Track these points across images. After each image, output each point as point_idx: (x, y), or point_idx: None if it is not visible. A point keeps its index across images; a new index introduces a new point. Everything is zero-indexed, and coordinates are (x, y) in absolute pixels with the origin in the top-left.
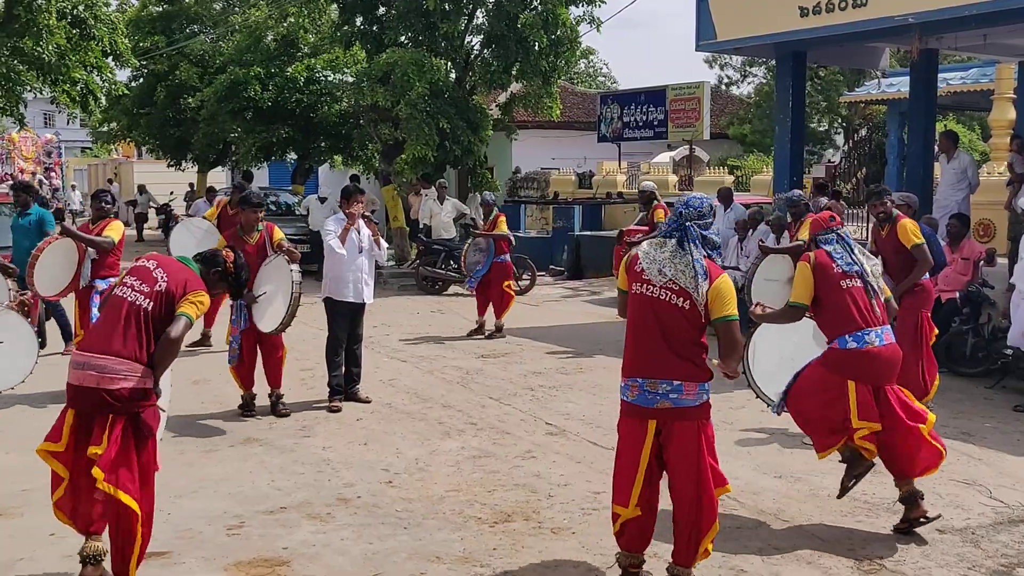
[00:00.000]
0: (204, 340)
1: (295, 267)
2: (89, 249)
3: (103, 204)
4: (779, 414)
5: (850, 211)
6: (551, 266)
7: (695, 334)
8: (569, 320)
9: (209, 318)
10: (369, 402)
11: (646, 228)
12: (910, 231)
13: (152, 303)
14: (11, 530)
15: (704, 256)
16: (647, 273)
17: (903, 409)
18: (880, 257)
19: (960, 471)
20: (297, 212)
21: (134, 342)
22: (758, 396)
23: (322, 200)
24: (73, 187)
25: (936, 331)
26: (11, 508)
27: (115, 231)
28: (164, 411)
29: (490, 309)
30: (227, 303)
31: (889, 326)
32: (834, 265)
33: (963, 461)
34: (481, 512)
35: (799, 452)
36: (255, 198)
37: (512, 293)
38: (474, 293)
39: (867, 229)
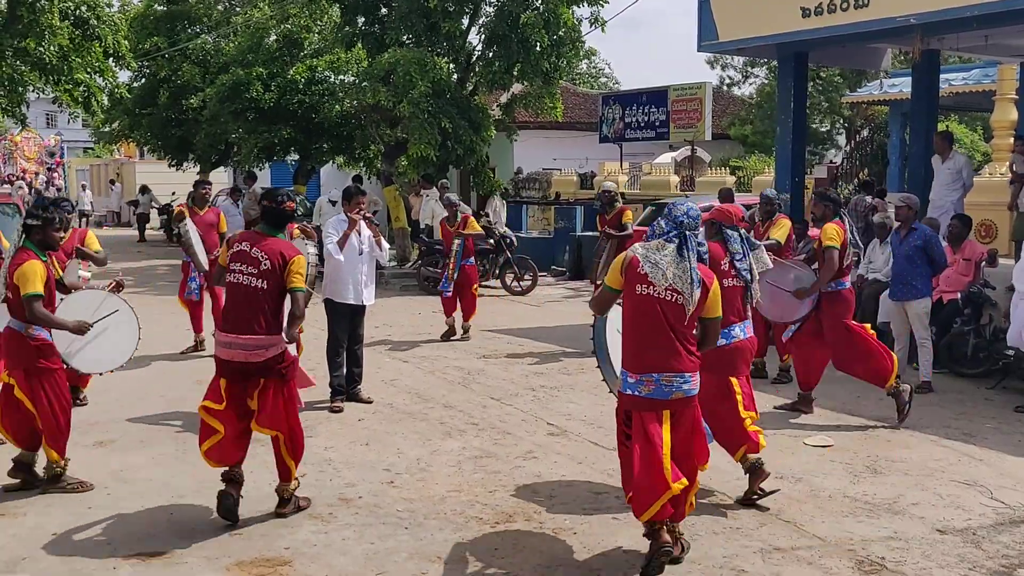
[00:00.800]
0: (198, 347)
1: (311, 245)
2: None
3: (66, 214)
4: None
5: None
6: (553, 266)
7: (692, 330)
8: (571, 320)
9: (198, 324)
10: (371, 402)
11: (645, 229)
12: (827, 234)
13: (264, 281)
14: (13, 529)
15: (698, 263)
16: (652, 276)
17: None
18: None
19: (961, 472)
20: (298, 213)
21: (262, 319)
22: (605, 379)
23: (332, 203)
24: (84, 187)
25: (868, 325)
26: (14, 508)
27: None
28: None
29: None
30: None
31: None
32: (723, 261)
33: (964, 462)
34: (482, 512)
35: (800, 452)
36: (279, 194)
37: (477, 295)
38: (446, 296)
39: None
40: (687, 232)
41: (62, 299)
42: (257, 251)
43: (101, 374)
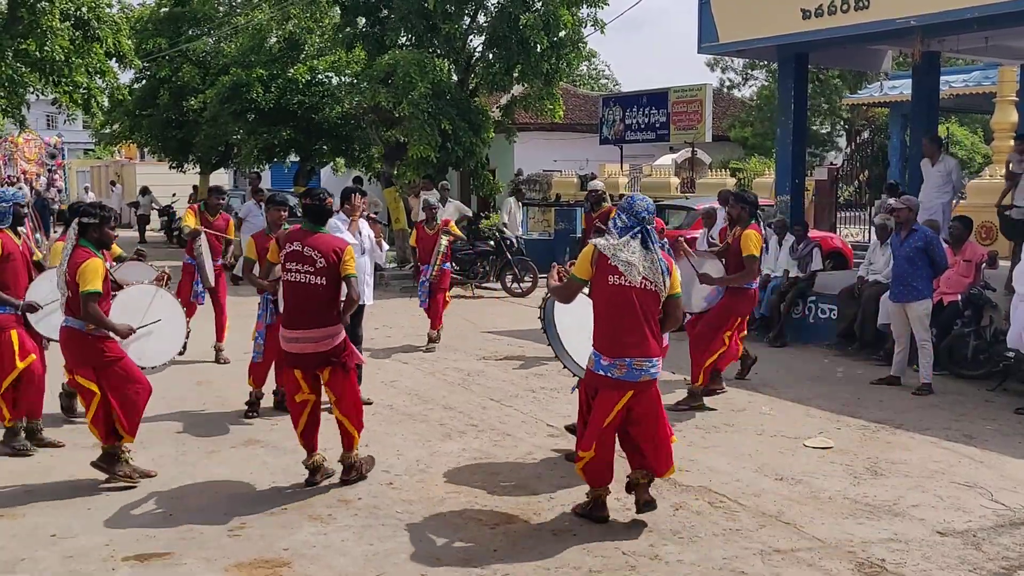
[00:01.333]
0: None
1: None
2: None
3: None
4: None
5: (853, 214)
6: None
7: (659, 315)
8: None
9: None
10: (370, 403)
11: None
12: (751, 241)
13: (323, 278)
14: (13, 530)
15: (661, 251)
16: (626, 271)
17: None
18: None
19: (961, 474)
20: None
21: (322, 313)
22: (566, 367)
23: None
24: (86, 189)
25: (744, 333)
26: (13, 508)
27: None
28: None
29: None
30: (256, 300)
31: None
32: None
33: (964, 464)
34: (482, 513)
35: (800, 454)
36: (279, 198)
37: (448, 301)
38: (424, 307)
39: (869, 232)
40: (648, 226)
41: (114, 295)
42: (311, 250)
43: (142, 369)
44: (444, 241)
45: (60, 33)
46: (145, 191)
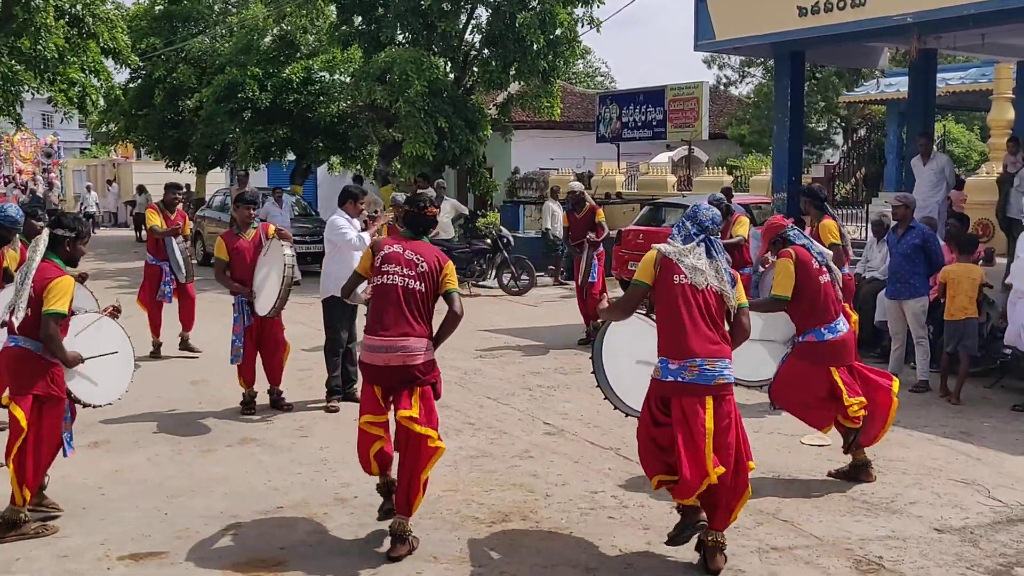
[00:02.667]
0: (157, 351)
1: (287, 247)
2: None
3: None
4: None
5: (850, 211)
6: (549, 266)
7: (726, 324)
8: (567, 320)
9: (156, 326)
10: None
11: (639, 229)
12: (830, 230)
13: (422, 283)
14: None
15: (727, 261)
16: (691, 276)
17: (874, 374)
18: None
19: (959, 470)
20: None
21: (418, 320)
22: (607, 398)
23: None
24: (89, 188)
25: (855, 316)
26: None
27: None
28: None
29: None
30: (230, 302)
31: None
32: (813, 260)
33: (962, 460)
34: (478, 512)
35: (797, 452)
36: (249, 195)
37: None
38: None
39: (866, 229)
40: (712, 236)
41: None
42: (411, 253)
43: (87, 406)
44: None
45: (55, 31)
46: (141, 190)
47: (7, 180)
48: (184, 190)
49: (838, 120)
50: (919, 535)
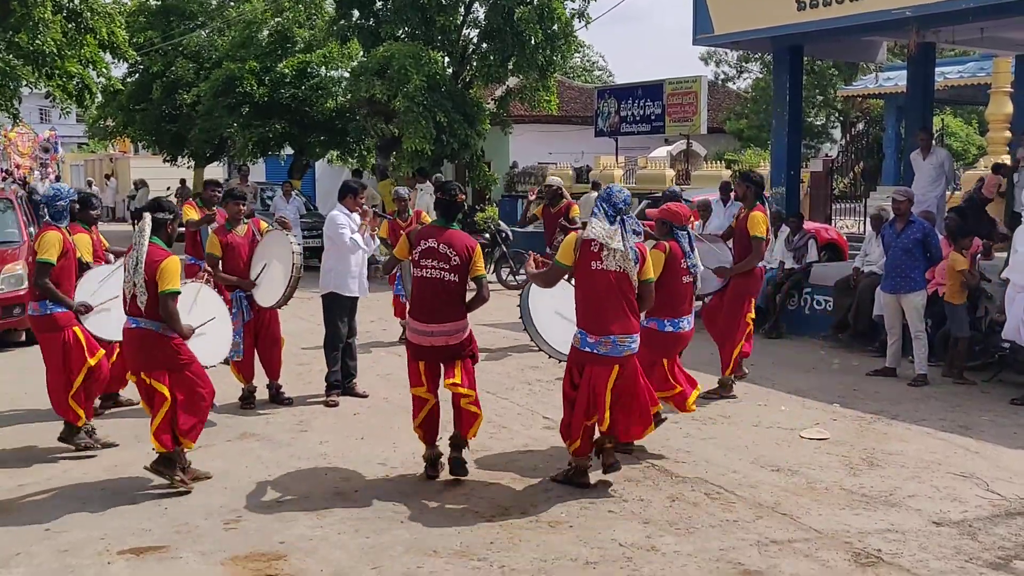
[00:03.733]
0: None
1: (293, 238)
2: None
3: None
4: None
5: (847, 205)
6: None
7: (634, 296)
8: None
9: None
10: (366, 396)
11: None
12: (759, 222)
13: (456, 275)
14: (8, 525)
15: (634, 241)
16: (605, 255)
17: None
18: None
19: (957, 464)
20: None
21: (455, 307)
22: (540, 349)
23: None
24: (90, 183)
25: (753, 314)
26: (8, 503)
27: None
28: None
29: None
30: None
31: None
32: (683, 261)
33: (960, 454)
34: (478, 506)
35: (796, 446)
36: (238, 191)
37: None
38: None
39: (865, 223)
40: (624, 216)
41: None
42: (445, 247)
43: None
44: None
45: (52, 25)
46: (141, 184)
47: (5, 175)
48: (181, 185)
49: (836, 114)
50: (918, 528)
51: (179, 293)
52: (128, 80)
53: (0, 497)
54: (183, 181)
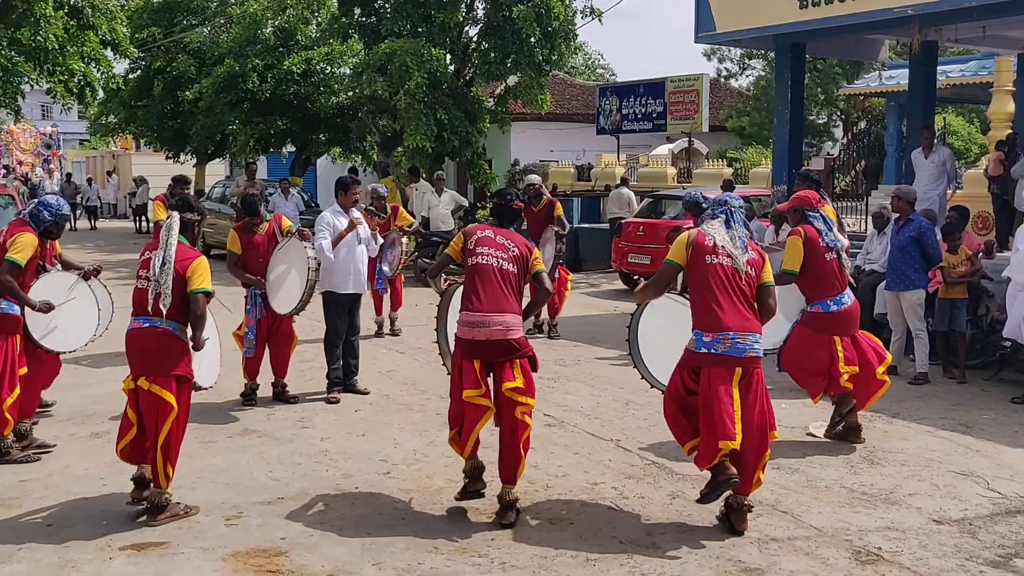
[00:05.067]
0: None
1: (310, 248)
2: None
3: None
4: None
5: (850, 203)
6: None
7: (754, 300)
8: (567, 312)
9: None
10: (367, 393)
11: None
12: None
13: (515, 266)
14: (9, 521)
15: (745, 233)
16: (714, 247)
17: (871, 351)
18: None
19: (958, 462)
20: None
21: (513, 298)
22: (643, 377)
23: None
24: (90, 181)
25: None
26: (9, 499)
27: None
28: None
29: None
30: (242, 294)
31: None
32: (820, 239)
33: (961, 452)
34: (479, 503)
35: (797, 443)
36: (251, 199)
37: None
38: (383, 292)
39: (866, 222)
40: (732, 209)
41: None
42: (503, 239)
43: (199, 389)
44: (404, 243)
45: (54, 21)
46: (141, 181)
47: (7, 171)
48: (173, 183)
49: (838, 112)
50: (918, 526)
51: (212, 293)
52: (130, 77)
53: (1, 492)
54: (174, 179)
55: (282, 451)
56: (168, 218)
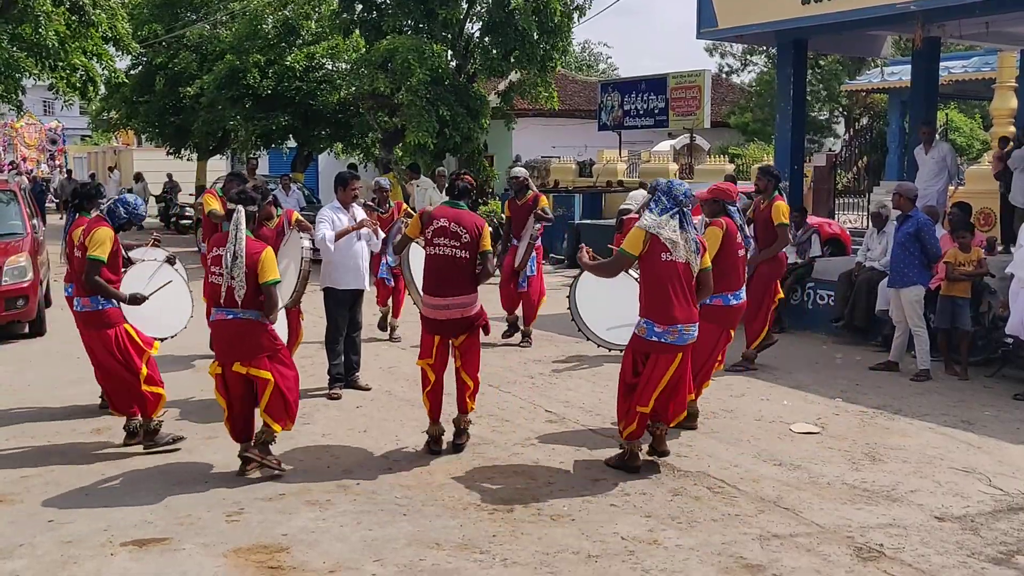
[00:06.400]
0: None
1: (306, 238)
2: None
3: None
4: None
5: (850, 200)
6: (551, 254)
7: (694, 286)
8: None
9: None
10: (369, 389)
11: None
12: (782, 211)
13: (466, 251)
14: (11, 516)
15: (695, 233)
16: (672, 249)
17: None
18: (752, 225)
19: (960, 459)
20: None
21: (467, 281)
22: (589, 339)
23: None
24: (92, 177)
25: (781, 295)
26: (10, 494)
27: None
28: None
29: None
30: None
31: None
32: (738, 235)
33: (963, 449)
34: (480, 499)
35: (798, 440)
36: (266, 190)
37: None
38: (389, 284)
39: (866, 219)
40: (684, 208)
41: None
42: (456, 226)
43: (163, 339)
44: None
45: (56, 17)
46: (139, 178)
47: (12, 167)
48: (168, 179)
49: (840, 109)
50: (920, 523)
51: (280, 282)
52: (131, 72)
53: (3, 488)
54: (170, 175)
55: (283, 447)
56: (235, 213)
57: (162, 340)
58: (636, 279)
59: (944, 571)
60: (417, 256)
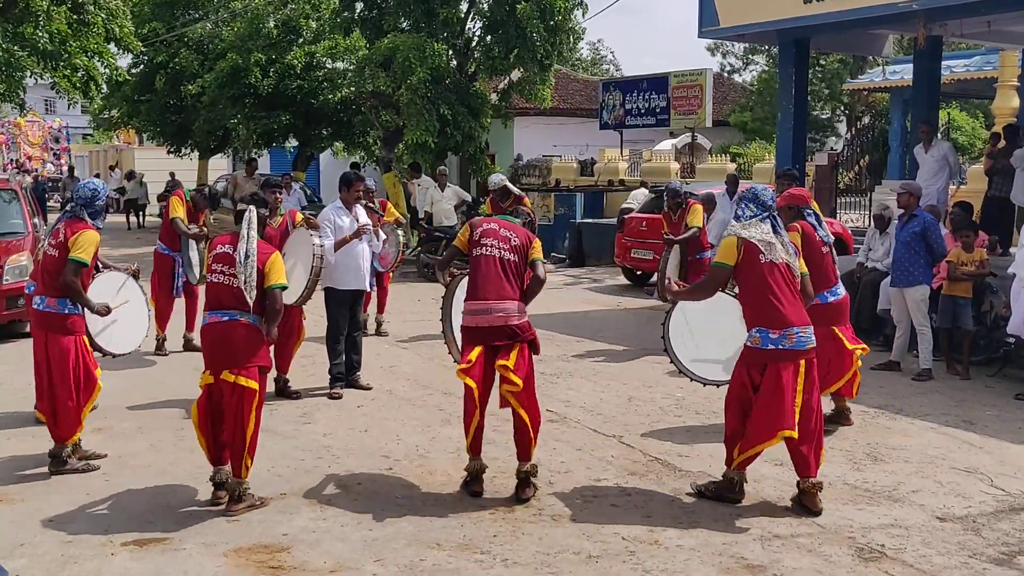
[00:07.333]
0: (160, 346)
1: (316, 236)
2: None
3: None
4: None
5: (852, 199)
6: (552, 253)
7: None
8: (570, 308)
9: (164, 320)
10: (370, 389)
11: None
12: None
13: (515, 255)
14: (11, 516)
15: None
16: (766, 248)
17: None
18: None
19: (961, 459)
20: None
21: (515, 286)
22: (682, 372)
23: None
24: (96, 176)
25: None
26: (11, 494)
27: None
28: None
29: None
30: None
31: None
32: (817, 235)
33: (964, 449)
34: (481, 499)
35: None
36: (274, 180)
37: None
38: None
39: (868, 217)
40: (774, 214)
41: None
42: (506, 230)
43: (115, 356)
44: (400, 235)
45: (56, 17)
46: (131, 175)
47: (16, 165)
48: (171, 178)
49: (842, 108)
50: (921, 523)
51: (287, 287)
52: (133, 71)
53: (3, 488)
54: (172, 174)
55: (284, 447)
56: (247, 212)
57: (115, 356)
58: (733, 296)
59: (946, 572)
60: (458, 311)
